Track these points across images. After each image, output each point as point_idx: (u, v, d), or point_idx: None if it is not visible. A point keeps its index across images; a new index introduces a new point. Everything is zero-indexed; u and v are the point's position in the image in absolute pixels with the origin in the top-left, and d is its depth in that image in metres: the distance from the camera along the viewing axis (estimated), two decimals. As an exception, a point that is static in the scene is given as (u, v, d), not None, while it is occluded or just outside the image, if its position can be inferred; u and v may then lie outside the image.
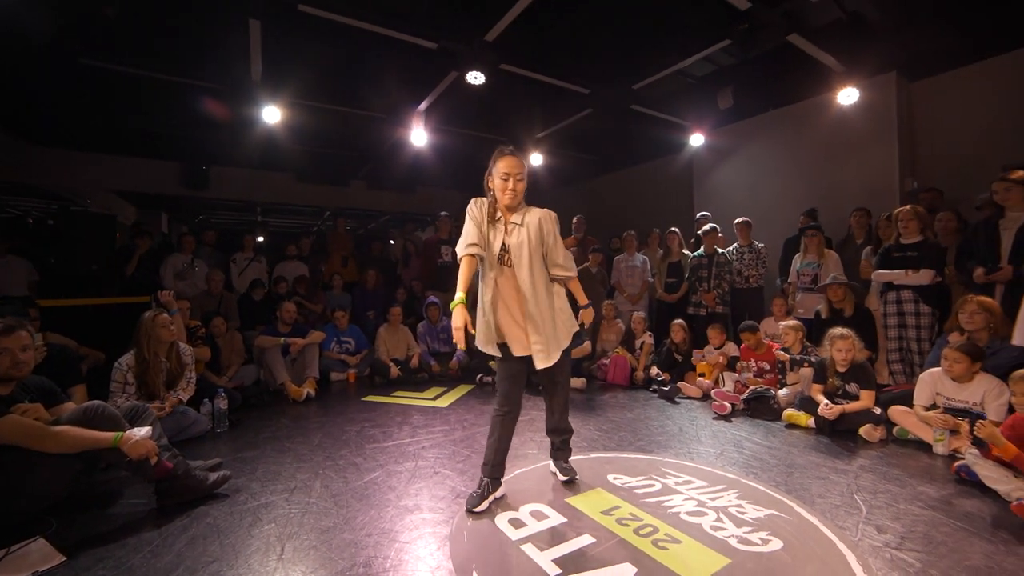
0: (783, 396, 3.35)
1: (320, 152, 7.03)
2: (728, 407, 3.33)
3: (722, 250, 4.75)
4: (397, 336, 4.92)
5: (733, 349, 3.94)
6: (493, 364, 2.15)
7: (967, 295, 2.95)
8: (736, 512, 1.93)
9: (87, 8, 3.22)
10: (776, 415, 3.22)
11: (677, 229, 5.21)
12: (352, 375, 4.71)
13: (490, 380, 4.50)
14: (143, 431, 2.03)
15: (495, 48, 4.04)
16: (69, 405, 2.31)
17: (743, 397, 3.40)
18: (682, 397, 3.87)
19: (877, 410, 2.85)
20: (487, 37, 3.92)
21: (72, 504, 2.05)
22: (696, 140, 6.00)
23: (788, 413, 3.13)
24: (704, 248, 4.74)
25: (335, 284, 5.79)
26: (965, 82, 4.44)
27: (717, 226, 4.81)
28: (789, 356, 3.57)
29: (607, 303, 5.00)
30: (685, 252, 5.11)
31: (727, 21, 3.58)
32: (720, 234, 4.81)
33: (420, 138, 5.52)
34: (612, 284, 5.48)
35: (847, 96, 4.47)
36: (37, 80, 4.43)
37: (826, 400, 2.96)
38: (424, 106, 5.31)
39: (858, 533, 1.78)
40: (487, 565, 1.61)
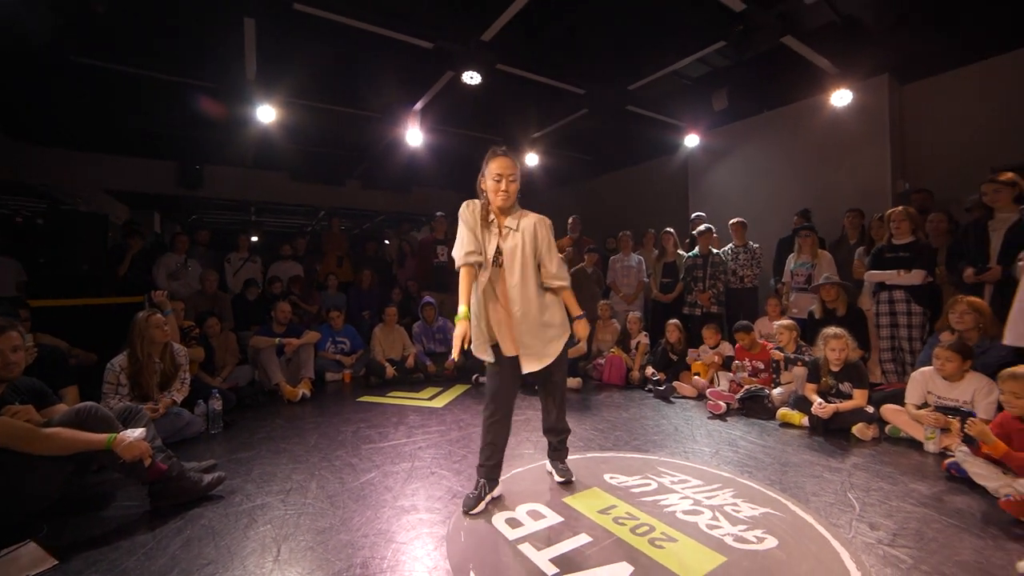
0: (777, 395, 3.38)
1: (315, 151, 6.99)
2: (723, 406, 3.35)
3: (717, 250, 4.78)
4: (392, 336, 4.91)
5: (728, 349, 3.97)
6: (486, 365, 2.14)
7: (957, 295, 2.99)
8: (731, 511, 1.95)
9: (77, 5, 3.18)
10: (770, 414, 3.25)
11: (672, 229, 5.24)
12: (347, 375, 4.70)
13: (485, 380, 4.50)
14: (137, 432, 2.01)
15: (491, 48, 4.04)
16: (61, 407, 2.28)
17: (738, 396, 3.42)
18: (677, 397, 3.89)
19: (870, 409, 2.89)
20: (483, 37, 3.91)
21: (63, 507, 2.02)
22: (691, 141, 6.03)
23: (782, 412, 3.16)
24: (699, 248, 4.77)
25: (330, 284, 5.76)
26: (955, 85, 4.50)
27: (712, 226, 4.84)
28: (783, 355, 3.60)
29: (603, 303, 5.01)
30: (680, 252, 5.13)
31: (722, 23, 3.60)
32: (715, 234, 4.85)
33: (416, 138, 5.51)
34: (608, 284, 5.49)
35: (840, 98, 4.52)
36: (28, 78, 4.38)
37: (820, 399, 2.99)
38: (420, 106, 5.29)
39: (851, 530, 1.80)
40: (484, 565, 1.61)
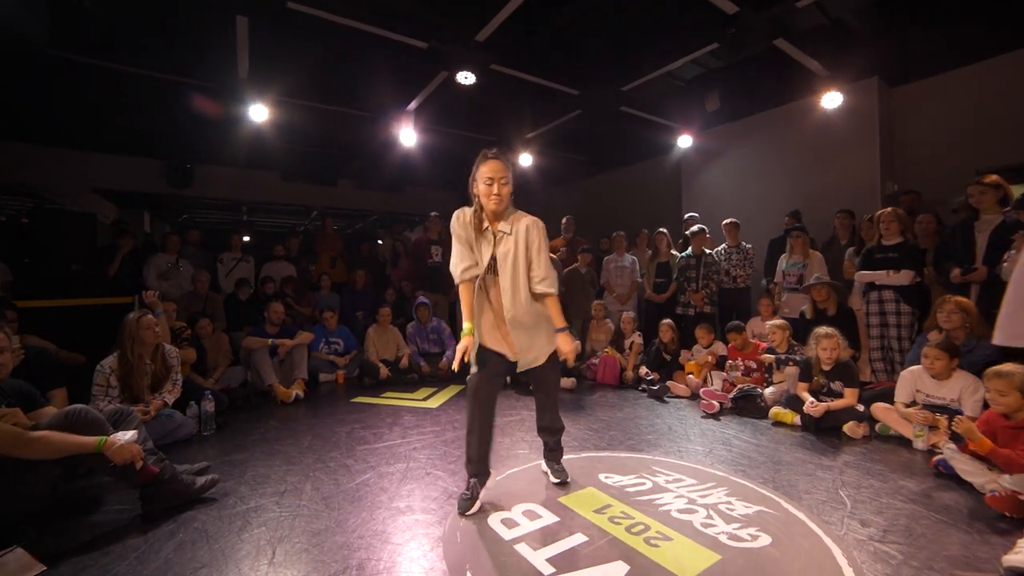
0: (770, 394, 3.42)
1: (308, 151, 6.94)
2: (716, 406, 3.38)
3: (710, 251, 4.82)
4: (386, 337, 4.89)
5: (721, 348, 4.00)
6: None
7: (945, 295, 3.05)
8: (726, 509, 1.96)
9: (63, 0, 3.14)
10: (763, 413, 3.28)
11: (665, 230, 5.27)
12: (341, 376, 4.67)
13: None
14: (128, 435, 1.98)
15: (486, 48, 4.04)
16: (49, 409, 2.24)
17: (731, 396, 3.45)
18: (671, 396, 3.91)
19: (860, 407, 2.93)
20: (478, 37, 3.91)
21: (51, 512, 1.99)
22: (684, 142, 6.07)
23: (775, 411, 3.19)
24: (692, 249, 4.81)
25: (323, 284, 5.73)
26: (943, 88, 4.58)
27: (705, 227, 4.88)
28: (775, 355, 3.63)
29: (597, 303, 5.03)
30: (673, 253, 5.17)
31: (715, 25, 3.63)
32: (708, 235, 4.88)
33: (409, 138, 5.49)
34: (601, 284, 5.51)
35: (831, 100, 4.58)
36: (13, 74, 4.30)
37: (811, 398, 3.02)
38: (414, 106, 5.28)
39: (843, 527, 1.82)
40: (481, 565, 1.61)
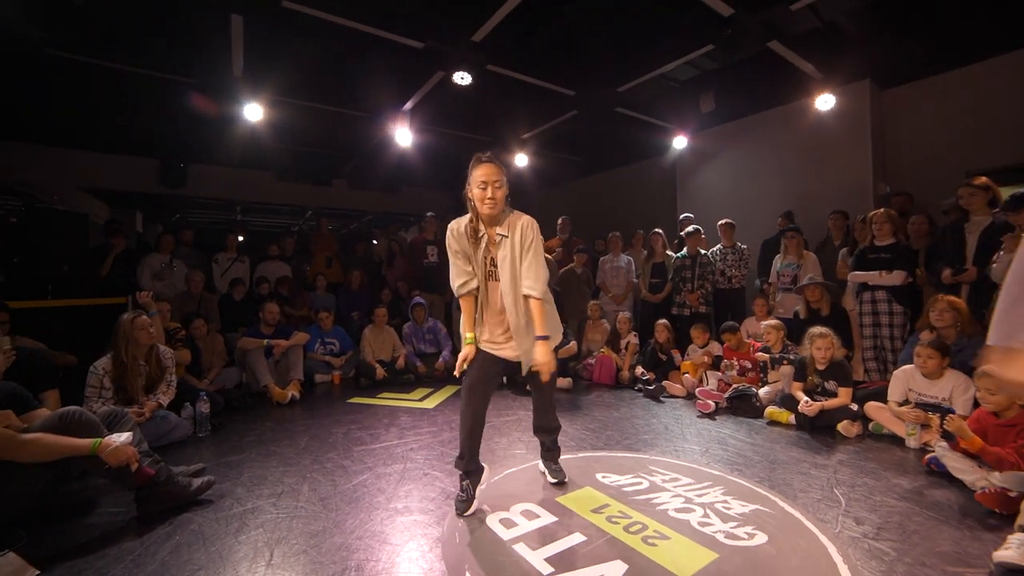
0: (765, 394, 3.45)
1: (302, 151, 6.90)
2: (712, 405, 3.41)
3: (705, 251, 4.85)
4: (382, 337, 4.88)
5: (717, 348, 4.03)
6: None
7: (937, 295, 3.09)
8: (722, 508, 1.98)
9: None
10: (758, 413, 3.31)
11: (661, 230, 5.30)
12: (337, 377, 4.66)
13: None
14: (123, 437, 1.97)
15: (482, 49, 4.04)
16: (42, 411, 2.23)
17: (726, 395, 3.48)
18: (667, 396, 3.93)
19: (854, 406, 2.96)
20: (474, 37, 3.91)
21: (44, 515, 1.97)
22: (679, 143, 6.11)
23: (770, 410, 3.22)
24: (687, 249, 4.83)
25: (319, 285, 5.70)
26: (933, 91, 4.64)
27: (700, 227, 4.91)
28: (769, 355, 3.67)
29: (592, 303, 5.05)
30: (669, 253, 5.19)
31: (711, 27, 3.65)
32: (703, 235, 4.92)
33: (405, 138, 5.48)
34: (597, 285, 5.53)
35: (824, 102, 4.62)
36: (2, 72, 4.24)
37: (806, 397, 3.05)
38: (409, 106, 5.27)
39: (838, 525, 1.84)
40: (480, 565, 1.61)
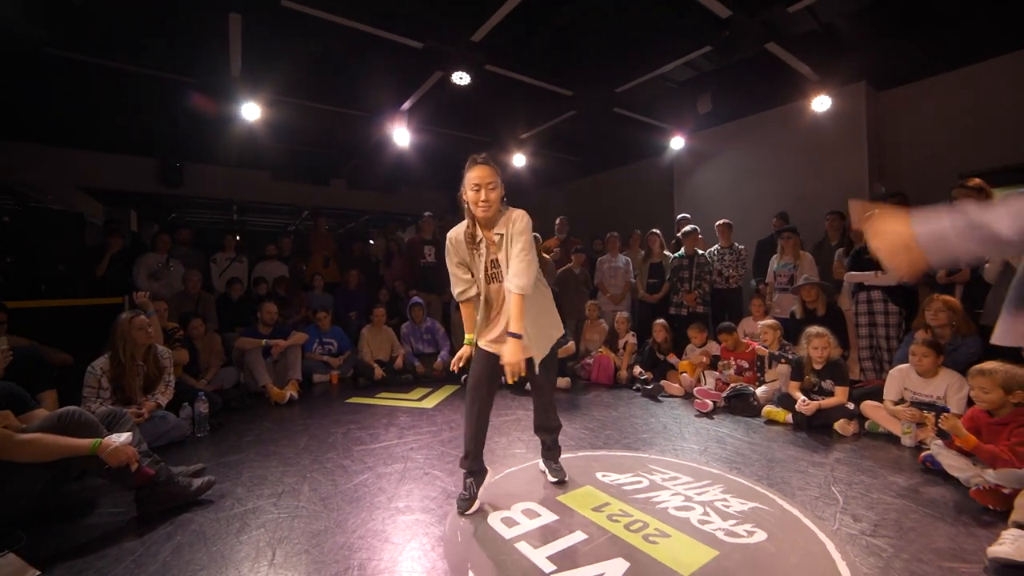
0: (762, 393, 3.47)
1: (300, 150, 6.88)
2: (710, 405, 3.43)
3: (702, 251, 4.87)
4: (380, 337, 4.87)
5: (715, 348, 4.05)
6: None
7: (932, 295, 3.13)
8: (721, 506, 2.00)
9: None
10: (756, 412, 3.33)
11: (658, 230, 5.32)
12: (335, 377, 4.65)
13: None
14: (123, 437, 1.97)
15: (481, 49, 4.05)
16: (40, 412, 2.22)
17: (724, 395, 3.50)
18: (665, 395, 3.95)
19: (850, 405, 2.99)
20: (473, 38, 3.92)
21: (44, 516, 1.96)
22: (676, 143, 6.13)
23: (767, 409, 3.25)
24: (685, 249, 4.86)
25: (316, 285, 5.69)
26: (928, 93, 4.69)
27: (697, 227, 4.93)
28: (767, 352, 3.69)
29: (591, 303, 5.07)
30: (666, 253, 5.22)
31: (708, 28, 3.68)
32: (700, 235, 4.94)
33: (403, 138, 5.48)
34: (595, 285, 5.55)
35: (820, 103, 4.66)
36: (1, 71, 4.20)
37: (803, 396, 3.08)
38: (408, 105, 5.26)
39: (836, 523, 1.87)
40: (482, 564, 1.62)
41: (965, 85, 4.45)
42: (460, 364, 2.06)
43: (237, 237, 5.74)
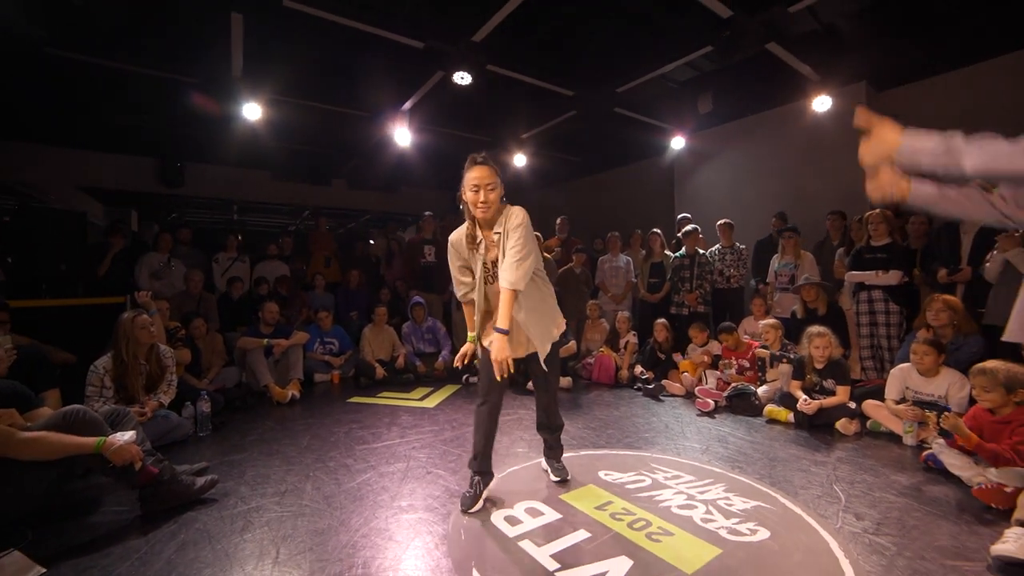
0: (763, 393, 3.48)
1: (301, 150, 6.89)
2: (711, 404, 3.43)
3: (703, 251, 4.88)
4: (382, 336, 4.88)
5: (716, 347, 4.06)
6: (478, 363, 2.11)
7: (933, 294, 3.13)
8: (724, 504, 2.00)
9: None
10: (757, 411, 3.34)
11: (659, 230, 5.33)
12: (336, 376, 4.66)
13: (476, 380, 4.51)
14: (127, 436, 1.97)
15: (482, 49, 4.05)
16: (44, 410, 2.22)
17: (725, 394, 3.50)
18: (666, 395, 3.96)
19: (852, 404, 3.00)
20: (474, 38, 3.92)
21: (48, 514, 1.96)
22: (677, 143, 6.14)
23: (769, 409, 3.25)
24: (686, 249, 4.86)
25: (317, 284, 5.69)
26: (928, 93, 4.70)
27: (698, 227, 4.94)
28: (768, 352, 3.70)
29: (592, 303, 5.07)
30: (667, 253, 5.22)
31: (709, 28, 3.68)
32: (700, 235, 4.95)
33: (404, 138, 5.48)
34: (596, 284, 5.56)
35: (821, 104, 4.66)
36: (1, 70, 4.21)
37: (805, 396, 3.08)
38: (409, 105, 5.27)
39: (838, 521, 1.87)
40: (486, 562, 1.63)
41: (965, 85, 4.46)
42: (464, 361, 2.06)
43: (239, 237, 5.73)
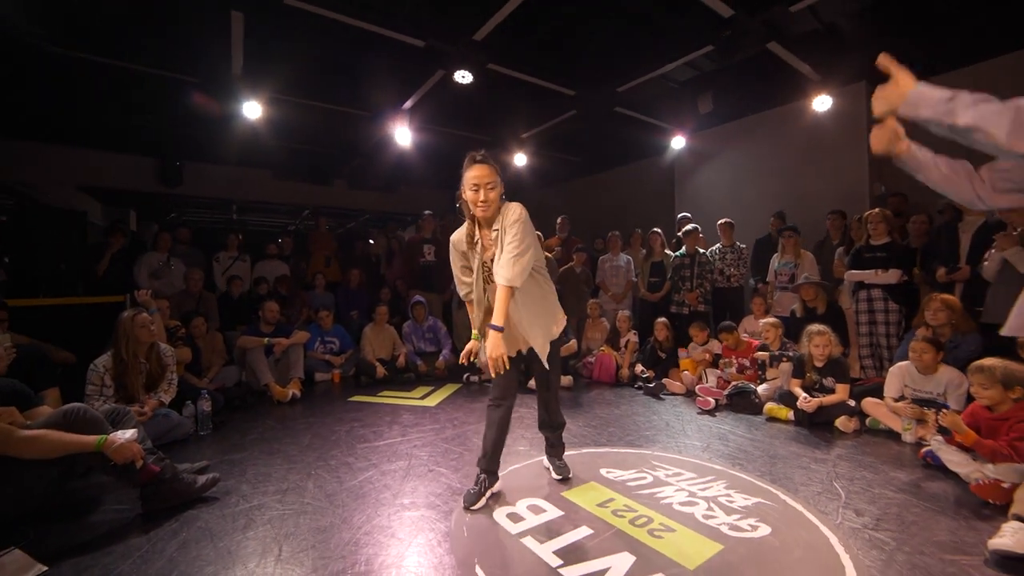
0: (763, 391, 3.49)
1: (301, 149, 6.87)
2: (712, 402, 3.44)
3: (703, 250, 4.89)
4: (383, 336, 4.88)
5: (717, 346, 4.07)
6: (478, 361, 2.10)
7: (932, 294, 3.15)
8: (725, 501, 2.01)
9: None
10: (757, 409, 3.35)
11: (659, 230, 5.33)
12: (337, 375, 4.66)
13: (476, 379, 4.52)
14: (128, 434, 1.97)
15: (483, 48, 4.05)
16: (44, 409, 2.22)
17: (726, 393, 3.52)
18: (667, 393, 3.97)
19: (851, 402, 3.01)
20: (475, 36, 3.92)
21: (48, 513, 1.96)
22: (678, 143, 6.15)
23: (769, 407, 3.26)
24: (686, 248, 4.87)
25: (318, 284, 5.69)
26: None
27: (698, 226, 4.95)
28: (768, 353, 3.71)
29: (592, 302, 5.08)
30: (667, 252, 5.23)
31: (710, 28, 3.69)
32: (701, 234, 4.96)
33: (405, 137, 5.48)
34: (597, 284, 5.56)
35: (821, 103, 4.67)
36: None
37: (804, 394, 3.09)
38: (409, 104, 5.27)
39: (839, 517, 1.88)
40: (489, 559, 1.63)
41: (965, 85, 4.45)
42: (470, 359, 2.05)
43: (240, 236, 5.72)
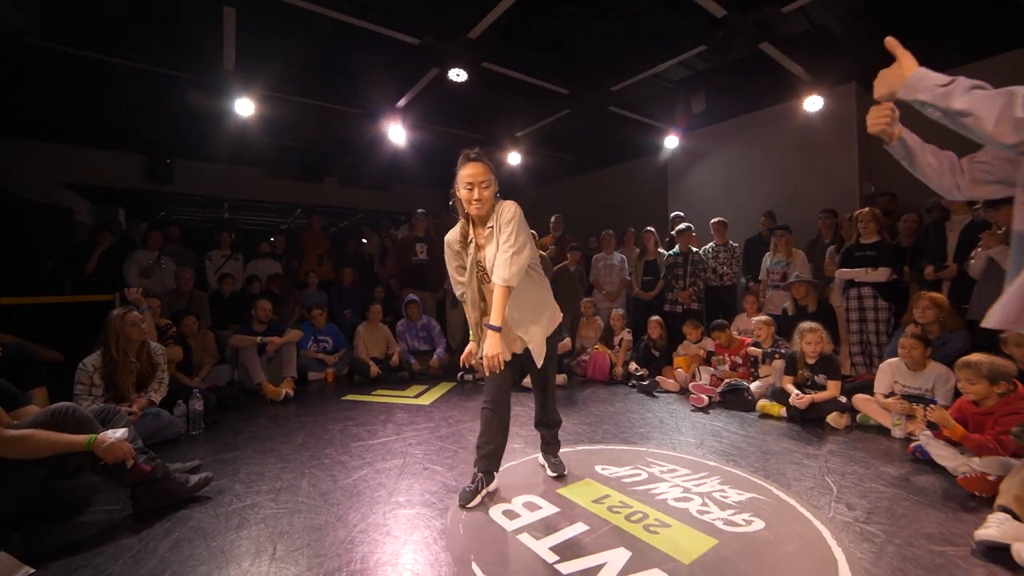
0: (756, 388, 3.52)
1: (293, 147, 6.82)
2: (705, 400, 3.47)
3: (696, 249, 4.92)
4: (376, 334, 4.86)
5: (710, 344, 4.10)
6: (474, 362, 2.07)
7: (920, 292, 3.20)
8: (720, 497, 2.03)
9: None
10: (750, 406, 3.38)
11: (653, 228, 5.36)
12: (330, 374, 4.62)
13: (471, 378, 4.51)
14: (119, 433, 1.94)
15: (478, 46, 4.04)
16: (32, 408, 2.18)
17: (719, 390, 3.54)
18: (660, 391, 3.99)
19: (843, 399, 3.05)
20: (470, 35, 3.91)
21: (35, 514, 1.93)
22: (671, 142, 6.18)
23: (762, 404, 3.29)
24: (679, 247, 4.90)
25: (311, 282, 5.65)
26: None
27: (691, 225, 4.98)
28: (761, 350, 3.74)
29: (586, 300, 5.10)
30: (661, 251, 5.26)
31: (704, 28, 3.71)
32: (694, 233, 4.99)
33: (398, 135, 5.45)
34: (591, 282, 5.58)
35: (812, 104, 4.72)
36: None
37: (797, 391, 3.13)
38: (403, 102, 5.24)
39: (831, 511, 1.90)
40: (485, 556, 1.63)
41: (951, 87, 4.53)
42: (472, 360, 2.04)
43: (232, 235, 5.66)
